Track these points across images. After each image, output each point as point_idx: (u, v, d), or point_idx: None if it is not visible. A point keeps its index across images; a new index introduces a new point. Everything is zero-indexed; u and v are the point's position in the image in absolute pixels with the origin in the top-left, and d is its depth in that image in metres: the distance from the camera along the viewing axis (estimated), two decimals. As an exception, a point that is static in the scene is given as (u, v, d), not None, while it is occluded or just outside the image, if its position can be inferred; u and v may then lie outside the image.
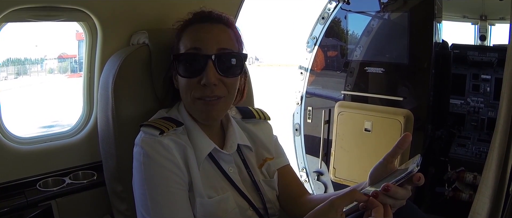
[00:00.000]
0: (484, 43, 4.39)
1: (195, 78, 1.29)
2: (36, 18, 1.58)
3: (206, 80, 1.27)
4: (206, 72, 1.27)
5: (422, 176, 1.02)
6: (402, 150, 1.13)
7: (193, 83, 1.30)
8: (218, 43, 1.31)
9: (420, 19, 3.23)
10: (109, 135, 1.51)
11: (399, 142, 1.13)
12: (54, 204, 1.65)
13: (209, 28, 1.34)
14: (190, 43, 1.32)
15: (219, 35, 1.33)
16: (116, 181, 1.56)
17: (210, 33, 1.32)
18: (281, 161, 1.59)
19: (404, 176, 1.02)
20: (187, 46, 1.32)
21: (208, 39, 1.31)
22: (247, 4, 2.21)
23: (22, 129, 1.81)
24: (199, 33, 1.33)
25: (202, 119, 1.37)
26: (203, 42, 1.30)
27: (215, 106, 1.33)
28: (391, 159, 1.16)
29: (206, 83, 1.28)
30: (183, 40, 1.35)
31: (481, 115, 3.79)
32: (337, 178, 3.58)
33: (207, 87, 1.29)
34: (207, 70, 1.27)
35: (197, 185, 1.30)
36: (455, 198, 3.38)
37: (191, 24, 1.36)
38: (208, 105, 1.32)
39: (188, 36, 1.34)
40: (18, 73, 11.54)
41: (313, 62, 3.85)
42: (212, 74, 1.28)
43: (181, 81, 1.34)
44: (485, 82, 3.78)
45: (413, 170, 1.01)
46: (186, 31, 1.36)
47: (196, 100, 1.32)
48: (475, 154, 3.45)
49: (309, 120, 3.95)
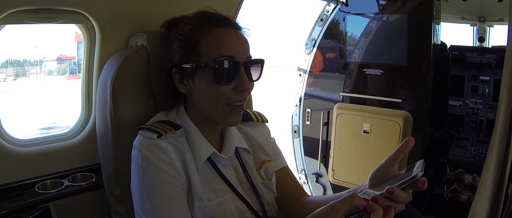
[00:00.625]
0: (483, 44, 4.41)
1: (229, 85, 1.29)
2: (34, 20, 1.57)
3: (243, 86, 1.29)
4: (242, 79, 1.29)
5: (426, 180, 1.02)
6: (405, 153, 1.13)
7: (225, 90, 1.29)
8: (246, 52, 1.33)
9: (418, 21, 3.24)
10: (107, 137, 1.51)
11: (402, 145, 1.13)
12: (52, 206, 1.64)
13: (237, 35, 1.33)
14: (222, 50, 1.29)
15: (245, 43, 1.34)
16: (114, 183, 1.55)
17: (239, 41, 1.33)
18: (279, 163, 1.59)
19: (409, 180, 1.01)
20: (218, 53, 1.29)
21: (238, 47, 1.31)
22: (246, 6, 2.21)
23: (22, 130, 1.80)
24: (229, 40, 1.30)
25: (227, 123, 1.41)
26: (235, 50, 1.30)
27: (239, 113, 1.36)
28: (393, 162, 1.16)
29: (243, 89, 1.30)
30: (208, 45, 1.30)
31: (480, 116, 3.79)
32: (336, 180, 3.58)
33: (242, 92, 1.31)
34: (241, 76, 1.29)
35: (196, 188, 1.30)
36: (454, 199, 3.39)
37: (211, 27, 1.32)
38: (235, 112, 1.34)
39: (216, 41, 1.30)
40: (17, 75, 11.53)
41: (311, 64, 3.86)
42: (246, 80, 1.30)
43: (209, 87, 1.30)
44: (483, 83, 3.79)
45: (417, 174, 1.01)
46: (211, 35, 1.31)
47: (225, 106, 1.32)
48: (474, 155, 3.45)
49: (308, 122, 3.96)
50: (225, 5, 2.07)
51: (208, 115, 1.37)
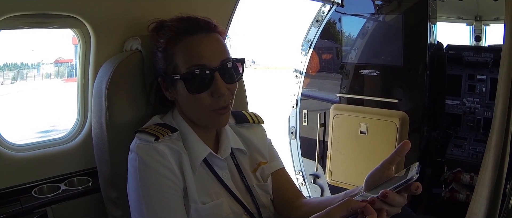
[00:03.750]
0: (479, 43, 4.42)
1: (205, 92, 1.30)
2: (29, 25, 1.57)
3: (219, 92, 1.29)
4: (217, 85, 1.29)
5: (420, 185, 1.01)
6: (401, 157, 1.13)
7: (203, 98, 1.30)
8: (220, 56, 1.32)
9: (414, 21, 3.24)
10: (103, 141, 1.51)
11: (398, 149, 1.12)
12: (49, 210, 1.64)
13: (207, 40, 1.32)
14: (192, 60, 1.30)
15: (218, 46, 1.34)
16: (110, 187, 1.56)
17: (210, 47, 1.31)
18: (275, 165, 1.59)
19: (403, 183, 1.01)
20: (189, 63, 1.30)
21: (210, 53, 1.30)
22: (243, 8, 2.21)
23: (21, 134, 1.81)
24: (199, 49, 1.30)
25: (214, 126, 1.42)
26: (206, 58, 1.29)
27: (226, 114, 1.36)
28: (389, 165, 1.15)
29: (219, 95, 1.29)
30: (181, 56, 1.31)
31: (477, 115, 3.80)
32: (333, 181, 3.59)
33: (220, 98, 1.30)
34: (216, 82, 1.29)
35: (192, 191, 1.31)
36: (452, 199, 3.39)
37: (182, 36, 1.33)
38: (220, 115, 1.34)
39: (186, 51, 1.31)
40: (15, 78, 11.54)
41: (308, 65, 3.86)
42: (222, 85, 1.29)
43: (188, 97, 1.32)
44: (480, 82, 3.80)
45: (412, 177, 1.00)
46: (182, 46, 1.32)
47: (209, 112, 1.33)
48: (472, 154, 3.46)
49: (304, 123, 3.96)
50: (219, 9, 2.07)
51: (195, 121, 1.39)
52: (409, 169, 1.06)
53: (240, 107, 1.73)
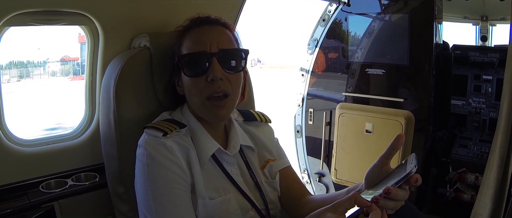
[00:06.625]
0: (485, 43, 4.40)
1: (202, 77, 1.32)
2: (38, 22, 1.59)
3: (213, 75, 1.30)
4: (212, 69, 1.30)
5: (419, 177, 1.02)
6: (396, 151, 1.15)
7: (200, 82, 1.33)
8: (219, 44, 1.34)
9: (420, 21, 3.23)
10: (111, 137, 1.52)
11: (392, 143, 1.15)
12: (56, 205, 1.66)
13: (209, 29, 1.37)
14: (192, 46, 1.35)
15: (219, 36, 1.37)
16: (118, 183, 1.57)
17: (210, 34, 1.36)
18: (283, 163, 1.60)
19: (403, 177, 1.02)
20: (190, 49, 1.35)
21: (209, 40, 1.34)
22: (249, 7, 2.22)
23: (26, 131, 1.82)
24: (199, 36, 1.36)
25: (212, 119, 1.40)
26: (205, 44, 1.33)
27: (224, 106, 1.36)
28: (386, 160, 1.18)
29: (213, 78, 1.30)
30: (185, 44, 1.38)
31: (483, 116, 3.78)
32: (338, 180, 3.58)
33: (214, 82, 1.31)
34: (212, 66, 1.30)
35: (199, 187, 1.32)
36: (457, 199, 3.38)
37: (190, 29, 1.39)
38: (217, 106, 1.34)
39: (189, 39, 1.37)
40: (21, 76, 11.58)
41: (314, 64, 3.86)
42: (218, 69, 1.31)
43: (188, 83, 1.36)
44: (486, 83, 3.78)
45: (411, 170, 1.01)
46: (187, 36, 1.39)
47: (205, 101, 1.34)
48: (477, 154, 3.45)
49: (310, 122, 3.96)
50: (226, 8, 2.08)
51: (197, 113, 1.41)
52: (406, 162, 1.08)
53: (247, 106, 1.74)
